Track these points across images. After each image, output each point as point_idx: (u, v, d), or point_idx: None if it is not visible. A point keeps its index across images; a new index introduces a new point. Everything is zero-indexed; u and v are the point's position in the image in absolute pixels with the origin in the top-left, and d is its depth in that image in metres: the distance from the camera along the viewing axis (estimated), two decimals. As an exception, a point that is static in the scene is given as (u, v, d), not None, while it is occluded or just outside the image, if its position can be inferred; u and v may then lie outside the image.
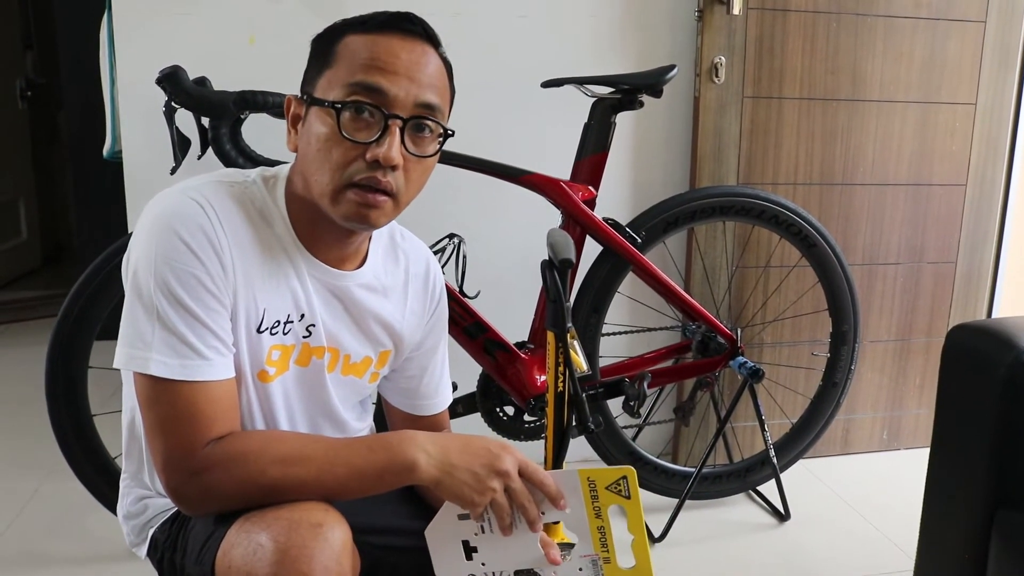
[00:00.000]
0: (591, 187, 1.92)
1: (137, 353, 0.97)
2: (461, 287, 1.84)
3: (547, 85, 1.92)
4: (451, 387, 1.35)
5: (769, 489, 2.25)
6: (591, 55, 2.22)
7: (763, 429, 2.13)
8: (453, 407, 1.95)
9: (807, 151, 2.35)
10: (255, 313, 1.05)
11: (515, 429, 1.99)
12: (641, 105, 1.91)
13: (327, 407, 1.17)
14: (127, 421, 1.14)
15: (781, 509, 2.18)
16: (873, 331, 2.51)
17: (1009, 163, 2.50)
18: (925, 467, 1.47)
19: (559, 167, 1.93)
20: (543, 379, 1.90)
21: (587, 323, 2.01)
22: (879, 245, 2.46)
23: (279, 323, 1.08)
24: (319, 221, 1.07)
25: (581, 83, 1.90)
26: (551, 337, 1.15)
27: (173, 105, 1.70)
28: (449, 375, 1.33)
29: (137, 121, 2.03)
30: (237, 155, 1.72)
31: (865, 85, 2.35)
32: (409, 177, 1.05)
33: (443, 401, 1.32)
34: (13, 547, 1.98)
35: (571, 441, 1.26)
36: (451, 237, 1.85)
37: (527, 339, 1.97)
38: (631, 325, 2.28)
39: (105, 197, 3.23)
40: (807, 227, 2.11)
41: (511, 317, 1.97)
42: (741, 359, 2.05)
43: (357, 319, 1.15)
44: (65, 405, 1.78)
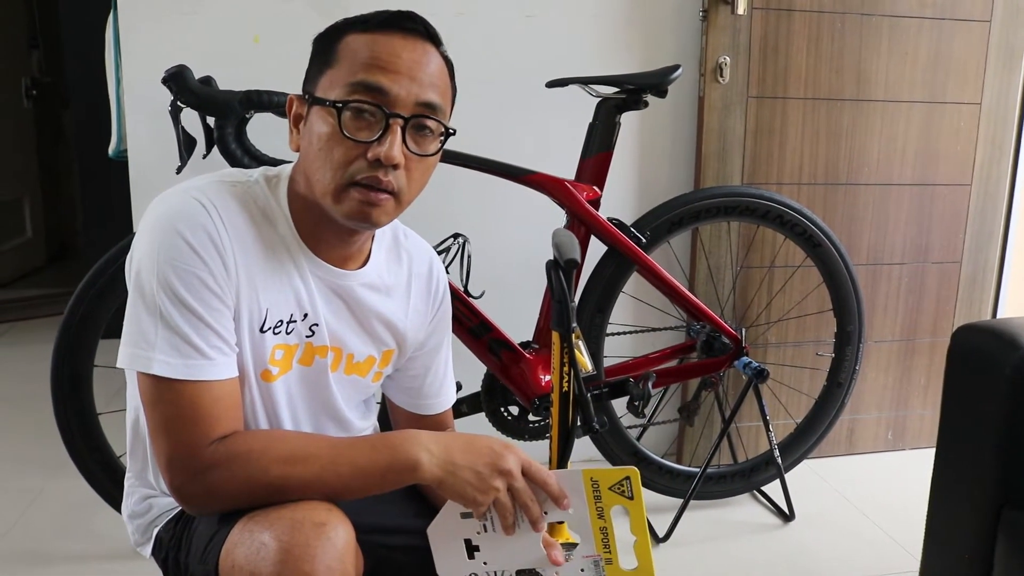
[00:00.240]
0: (596, 187, 1.92)
1: (140, 353, 0.98)
2: (466, 287, 1.84)
3: (551, 85, 1.92)
4: (455, 386, 1.35)
5: (774, 489, 2.24)
6: (595, 55, 2.22)
7: (768, 429, 2.13)
8: (458, 407, 1.95)
9: (811, 151, 2.35)
10: (258, 313, 1.05)
11: (520, 429, 1.99)
12: (646, 105, 1.91)
13: (330, 406, 1.17)
14: (131, 420, 1.15)
15: (786, 509, 2.18)
16: (878, 331, 2.50)
17: (1014, 163, 2.49)
18: (930, 467, 1.47)
19: (564, 167, 1.93)
20: (548, 379, 1.90)
21: (592, 323, 2.01)
22: (884, 245, 2.45)
23: (282, 322, 1.08)
24: (322, 220, 1.07)
25: (585, 83, 1.90)
26: (556, 337, 1.15)
27: (179, 104, 1.70)
28: (453, 374, 1.33)
29: (143, 120, 2.03)
30: (242, 154, 1.72)
31: (870, 85, 2.34)
32: (411, 176, 1.05)
33: (447, 400, 1.32)
34: (18, 545, 1.99)
35: (576, 441, 1.26)
36: (456, 237, 1.85)
37: (532, 339, 1.97)
38: (635, 325, 2.28)
39: (110, 196, 3.25)
40: (812, 227, 2.11)
41: (516, 317, 1.97)
42: (745, 359, 2.05)
43: (360, 318, 1.15)
44: (70, 403, 1.78)
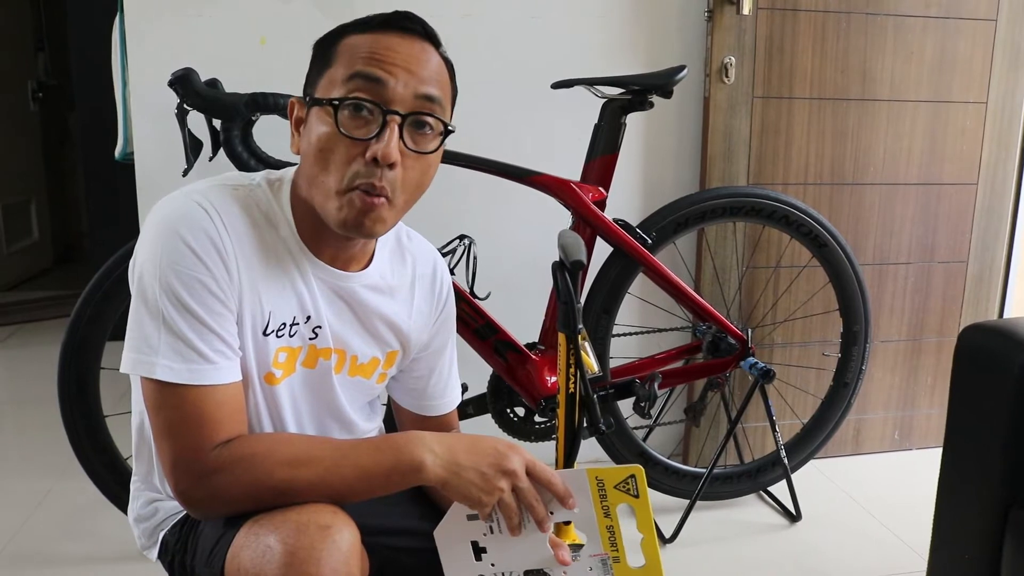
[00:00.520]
0: (601, 188, 1.92)
1: (143, 358, 0.97)
2: (472, 288, 1.84)
3: (557, 86, 1.92)
4: (460, 388, 1.34)
5: (780, 490, 2.24)
6: (601, 56, 2.22)
7: (774, 430, 2.13)
8: (464, 408, 1.96)
9: (817, 151, 2.35)
10: (261, 316, 1.05)
11: (526, 430, 1.99)
12: (651, 106, 1.91)
13: (335, 408, 1.17)
14: (136, 424, 1.15)
15: (792, 510, 2.18)
16: (884, 331, 2.50)
17: (1020, 161, 2.49)
18: (937, 467, 1.47)
19: (569, 168, 1.93)
20: (554, 380, 1.91)
21: (598, 324, 2.01)
22: (890, 245, 2.45)
23: (285, 325, 1.07)
24: (322, 223, 1.06)
25: (591, 84, 1.90)
26: (562, 338, 1.16)
27: (185, 107, 1.71)
28: (458, 376, 1.33)
29: (149, 123, 2.04)
30: (248, 157, 1.73)
31: (875, 84, 2.34)
32: (408, 176, 1.03)
33: (451, 401, 1.32)
34: (26, 547, 2.00)
35: (582, 442, 1.26)
36: (462, 238, 1.85)
37: (538, 340, 1.97)
38: (641, 326, 2.28)
39: (117, 198, 3.26)
40: (817, 227, 2.10)
41: (522, 318, 1.97)
42: (752, 360, 2.05)
43: (363, 320, 1.15)
44: (77, 405, 1.79)
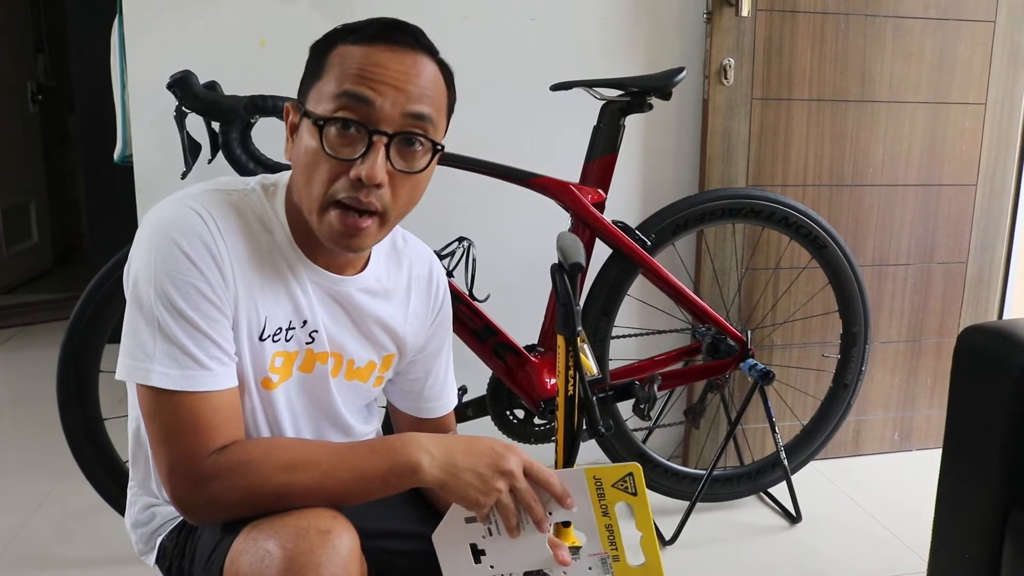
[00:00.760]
0: (600, 190, 1.92)
1: (139, 364, 0.97)
2: (471, 290, 1.84)
3: (556, 88, 1.92)
4: (456, 390, 1.34)
5: (780, 491, 2.24)
6: (600, 58, 2.22)
7: (774, 431, 2.13)
8: (463, 410, 1.96)
9: (816, 152, 2.35)
10: (256, 321, 1.05)
11: (525, 432, 1.99)
12: (650, 108, 1.91)
13: (332, 412, 1.17)
14: (132, 430, 1.14)
15: (792, 511, 2.18)
16: (884, 332, 2.50)
17: (1020, 163, 2.49)
18: (937, 468, 1.47)
19: (568, 170, 1.93)
20: (553, 382, 1.90)
21: (597, 326, 2.00)
22: (889, 246, 2.45)
23: (281, 330, 1.07)
24: None
25: (590, 86, 1.90)
26: (561, 341, 1.16)
27: (184, 110, 1.70)
28: (454, 378, 1.33)
29: (148, 125, 2.04)
30: (248, 159, 1.73)
31: (874, 86, 2.34)
32: (397, 193, 1.02)
33: (448, 404, 1.31)
34: (25, 549, 1.99)
35: (581, 444, 1.26)
36: (461, 240, 1.85)
37: (537, 342, 1.97)
38: (641, 328, 2.28)
39: (116, 199, 3.26)
40: (817, 228, 2.10)
41: (521, 320, 1.97)
42: (751, 361, 2.05)
43: (359, 324, 1.15)
44: (76, 408, 1.78)
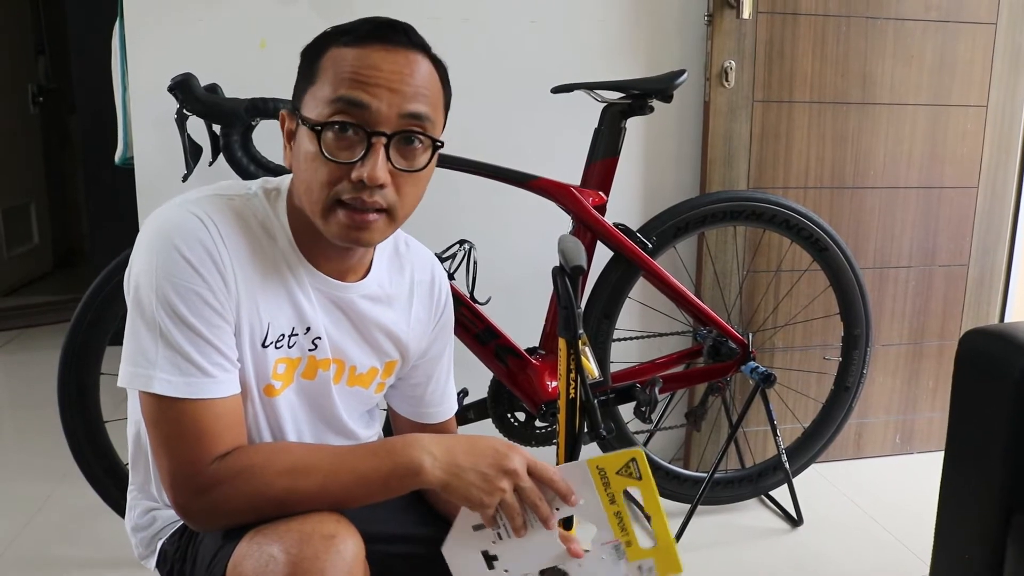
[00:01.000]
0: (602, 192, 1.92)
1: (141, 371, 0.96)
2: (472, 293, 1.84)
3: (557, 90, 1.92)
4: (456, 394, 1.34)
5: (781, 494, 2.24)
6: (601, 60, 2.22)
7: (775, 434, 2.12)
8: (465, 413, 1.95)
9: (817, 155, 2.35)
10: (259, 327, 1.04)
11: (527, 435, 1.99)
12: (651, 110, 1.91)
13: (334, 418, 1.17)
14: (132, 434, 1.14)
15: (794, 514, 2.18)
16: (885, 335, 2.50)
17: (1021, 165, 2.49)
18: (939, 471, 1.47)
19: (569, 172, 1.93)
20: (554, 385, 1.90)
21: (598, 329, 2.00)
22: (890, 248, 2.45)
23: (284, 336, 1.07)
24: (320, 234, 1.05)
25: (591, 88, 1.90)
26: (563, 344, 1.16)
27: (185, 112, 1.71)
28: (454, 383, 1.32)
29: (149, 128, 2.04)
30: (248, 162, 1.73)
31: (875, 88, 2.34)
32: (402, 191, 1.02)
33: (449, 409, 1.31)
34: (26, 552, 1.99)
35: (583, 447, 1.26)
36: (462, 243, 1.84)
37: (538, 345, 1.97)
38: (642, 330, 2.28)
39: (117, 201, 3.26)
40: (818, 231, 2.10)
41: (522, 323, 1.97)
42: (752, 364, 2.04)
43: (361, 330, 1.14)
44: (77, 411, 1.78)
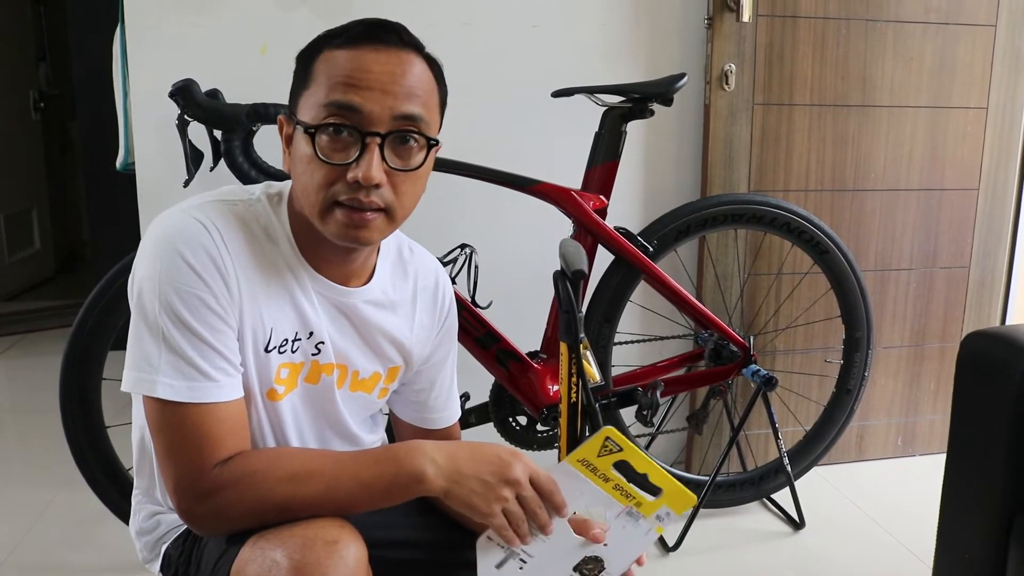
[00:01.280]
0: (602, 196, 1.92)
1: (144, 376, 0.97)
2: (473, 297, 1.84)
3: (557, 94, 1.92)
4: (459, 401, 1.34)
5: (783, 497, 2.24)
6: (601, 64, 2.22)
7: (777, 437, 2.12)
8: (466, 417, 1.95)
9: (818, 157, 2.35)
10: (262, 332, 1.04)
11: (528, 439, 1.99)
12: (652, 114, 1.91)
13: (337, 423, 1.17)
14: (137, 439, 1.14)
15: (796, 517, 2.17)
16: (886, 337, 2.49)
17: (1022, 166, 2.49)
18: (941, 473, 1.46)
19: (570, 176, 1.93)
20: (556, 389, 1.90)
21: (599, 332, 2.00)
22: (891, 251, 2.45)
23: (287, 341, 1.07)
24: (322, 238, 1.05)
25: (591, 92, 1.90)
26: (564, 348, 1.16)
27: (186, 118, 1.71)
28: (457, 389, 1.32)
29: (150, 133, 2.04)
30: (250, 167, 1.73)
31: (875, 90, 2.34)
32: (399, 191, 1.02)
33: (453, 414, 1.31)
34: (28, 557, 1.99)
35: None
36: (463, 247, 1.85)
37: (540, 349, 1.97)
38: (643, 334, 2.28)
39: (118, 206, 3.26)
40: (819, 234, 2.10)
41: (523, 327, 1.97)
42: (754, 367, 2.04)
43: (365, 335, 1.14)
44: (79, 416, 1.78)
